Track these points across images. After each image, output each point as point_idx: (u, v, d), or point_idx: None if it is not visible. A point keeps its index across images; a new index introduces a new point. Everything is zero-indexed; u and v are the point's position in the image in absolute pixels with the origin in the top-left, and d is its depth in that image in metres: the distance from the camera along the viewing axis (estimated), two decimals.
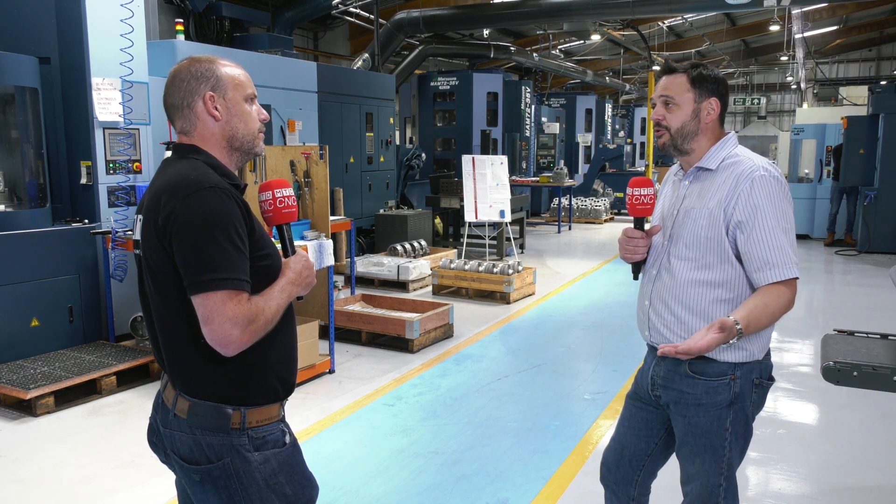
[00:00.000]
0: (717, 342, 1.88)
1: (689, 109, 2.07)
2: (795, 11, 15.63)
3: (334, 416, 4.41)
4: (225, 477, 1.66)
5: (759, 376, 2.10)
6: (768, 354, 2.14)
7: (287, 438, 1.76)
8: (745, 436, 2.12)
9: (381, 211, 9.93)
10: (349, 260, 7.71)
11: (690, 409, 2.09)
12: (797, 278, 1.99)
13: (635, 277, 2.27)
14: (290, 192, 1.81)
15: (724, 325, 1.88)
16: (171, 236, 1.56)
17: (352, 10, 13.12)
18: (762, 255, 1.97)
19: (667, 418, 2.22)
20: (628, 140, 22.61)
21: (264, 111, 1.82)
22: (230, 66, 1.75)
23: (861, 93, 16.54)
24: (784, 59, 24.64)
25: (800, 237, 12.16)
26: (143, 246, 1.66)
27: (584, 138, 18.37)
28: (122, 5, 5.43)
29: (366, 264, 8.28)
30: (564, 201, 14.13)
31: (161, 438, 1.75)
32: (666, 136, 2.11)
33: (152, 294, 1.67)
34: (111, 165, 5.47)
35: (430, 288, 8.07)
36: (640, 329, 2.28)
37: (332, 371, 5.22)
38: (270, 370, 1.73)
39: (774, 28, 17.76)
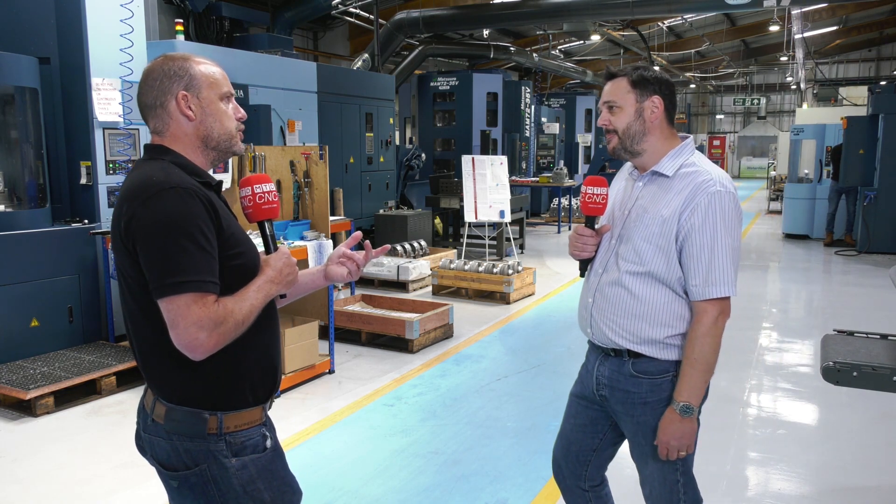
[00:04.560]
0: (681, 431, 2.03)
1: (631, 110, 2.08)
2: (795, 12, 15.63)
3: (334, 416, 4.41)
4: (202, 483, 1.64)
5: None
6: None
7: (268, 443, 1.72)
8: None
9: (381, 211, 9.93)
10: None
11: (637, 409, 2.11)
12: (729, 297, 2.02)
13: (582, 274, 2.29)
14: (270, 187, 1.76)
15: (672, 424, 2.03)
16: (133, 241, 1.53)
17: (352, 10, 13.12)
18: (705, 272, 1.99)
19: (611, 416, 2.24)
20: None
21: (241, 109, 1.77)
22: (205, 64, 1.70)
23: (861, 93, 16.54)
24: (784, 59, 24.65)
25: (800, 237, 12.18)
26: (113, 250, 1.64)
27: (584, 138, 18.37)
28: (121, 5, 5.43)
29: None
30: (564, 201, 14.14)
31: (144, 443, 1.74)
32: (615, 140, 2.12)
33: (125, 298, 1.64)
34: (111, 165, 5.47)
35: (429, 288, 8.07)
36: (581, 327, 2.28)
37: (331, 371, 5.22)
38: (247, 374, 1.69)
39: (774, 28, 17.78)
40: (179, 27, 7.23)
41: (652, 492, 2.16)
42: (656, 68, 2.18)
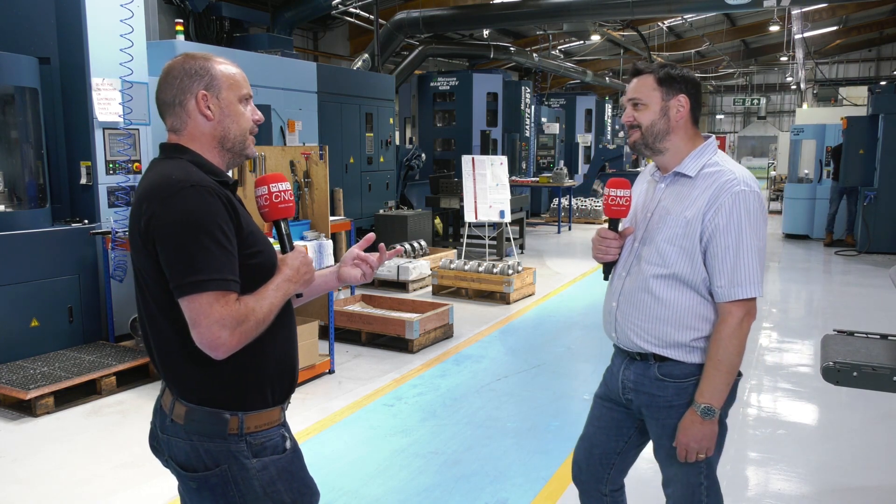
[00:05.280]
0: (701, 434, 2.01)
1: (657, 108, 2.06)
2: (795, 12, 15.63)
3: (334, 416, 4.41)
4: (222, 484, 1.63)
5: None
6: None
7: (287, 444, 1.72)
8: (721, 431, 2.11)
9: (381, 211, 9.93)
10: None
11: (663, 412, 2.09)
12: (755, 298, 2.00)
13: (605, 278, 2.27)
14: (286, 186, 1.76)
15: (692, 426, 2.01)
16: (154, 240, 1.52)
17: (352, 10, 13.13)
18: (731, 272, 1.97)
19: (637, 419, 2.23)
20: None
21: (259, 112, 1.76)
22: (226, 65, 1.70)
23: (861, 93, 16.55)
24: (784, 59, 24.66)
25: (800, 237, 12.17)
26: (131, 249, 1.63)
27: (584, 139, 18.38)
28: (121, 5, 5.43)
29: None
30: (564, 202, 14.14)
31: (161, 443, 1.73)
32: (637, 134, 2.09)
33: (143, 298, 1.64)
34: (111, 166, 5.47)
35: (429, 288, 8.07)
36: (605, 330, 2.26)
37: (331, 371, 5.22)
38: (267, 373, 1.68)
39: (774, 28, 17.79)
40: (179, 27, 7.23)
41: (675, 492, 2.15)
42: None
